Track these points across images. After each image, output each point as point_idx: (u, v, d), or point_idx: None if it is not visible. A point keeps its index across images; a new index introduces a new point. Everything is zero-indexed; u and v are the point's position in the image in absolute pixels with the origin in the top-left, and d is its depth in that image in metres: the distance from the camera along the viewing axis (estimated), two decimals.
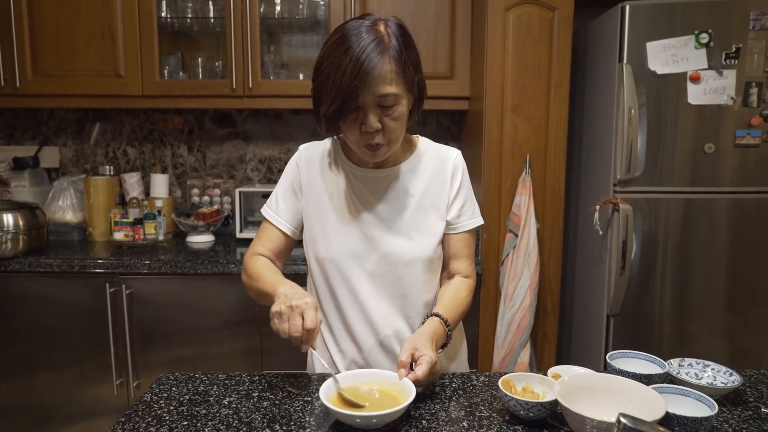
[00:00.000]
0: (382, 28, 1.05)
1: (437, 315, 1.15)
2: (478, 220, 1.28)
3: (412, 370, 1.02)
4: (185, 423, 0.96)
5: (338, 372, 1.08)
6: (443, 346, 1.16)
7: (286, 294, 1.05)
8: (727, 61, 1.96)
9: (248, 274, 1.23)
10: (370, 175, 1.21)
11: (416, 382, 0.99)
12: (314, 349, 1.03)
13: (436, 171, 1.24)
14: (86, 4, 2.28)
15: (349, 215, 1.20)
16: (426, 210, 1.22)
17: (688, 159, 2.03)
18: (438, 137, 2.66)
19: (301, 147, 1.28)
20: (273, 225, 1.26)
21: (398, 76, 1.05)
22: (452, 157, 1.26)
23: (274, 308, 1.02)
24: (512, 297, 2.08)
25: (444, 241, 1.26)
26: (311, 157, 1.26)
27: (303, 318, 0.99)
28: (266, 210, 1.28)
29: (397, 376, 1.01)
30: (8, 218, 2.14)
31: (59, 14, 2.29)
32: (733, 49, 1.95)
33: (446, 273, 1.29)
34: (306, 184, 1.24)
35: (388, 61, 1.03)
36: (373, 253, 1.19)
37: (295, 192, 1.25)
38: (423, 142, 1.28)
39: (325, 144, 1.27)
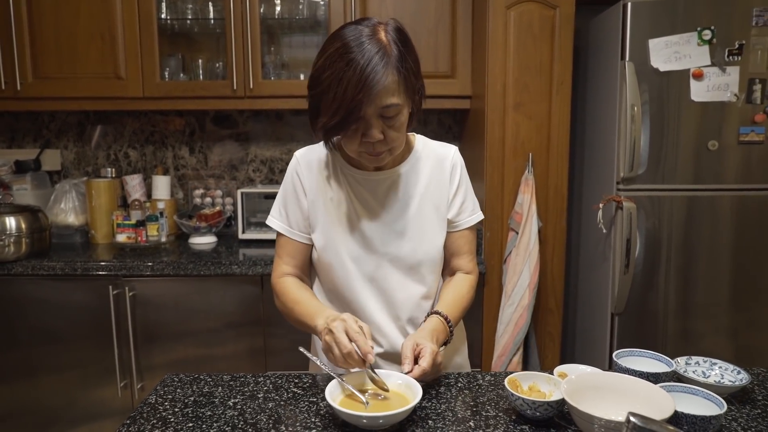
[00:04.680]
0: (383, 35, 1.02)
1: (437, 313, 1.16)
2: (478, 216, 1.27)
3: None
4: (190, 425, 0.96)
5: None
6: (445, 344, 1.16)
7: (325, 326, 1.05)
8: (730, 57, 1.95)
9: (282, 302, 1.22)
10: (370, 178, 1.20)
11: (422, 376, 1.00)
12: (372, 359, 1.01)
13: (435, 170, 1.23)
14: (86, 6, 2.28)
15: (350, 219, 1.19)
16: (427, 211, 1.21)
17: (691, 156, 2.02)
18: (440, 136, 2.66)
19: (297, 153, 1.25)
20: (289, 238, 1.24)
21: (400, 86, 1.03)
22: (450, 154, 1.25)
23: (323, 346, 1.05)
24: (511, 295, 2.07)
25: (445, 239, 1.25)
26: (310, 162, 1.23)
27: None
28: (276, 223, 1.25)
29: (402, 376, 1.01)
30: (11, 221, 2.14)
31: (59, 17, 2.29)
32: (736, 46, 1.94)
33: (448, 270, 1.29)
34: (308, 189, 1.22)
35: (392, 72, 1.00)
36: (376, 257, 1.19)
37: (299, 198, 1.22)
38: (419, 141, 1.26)
39: (322, 148, 1.24)
